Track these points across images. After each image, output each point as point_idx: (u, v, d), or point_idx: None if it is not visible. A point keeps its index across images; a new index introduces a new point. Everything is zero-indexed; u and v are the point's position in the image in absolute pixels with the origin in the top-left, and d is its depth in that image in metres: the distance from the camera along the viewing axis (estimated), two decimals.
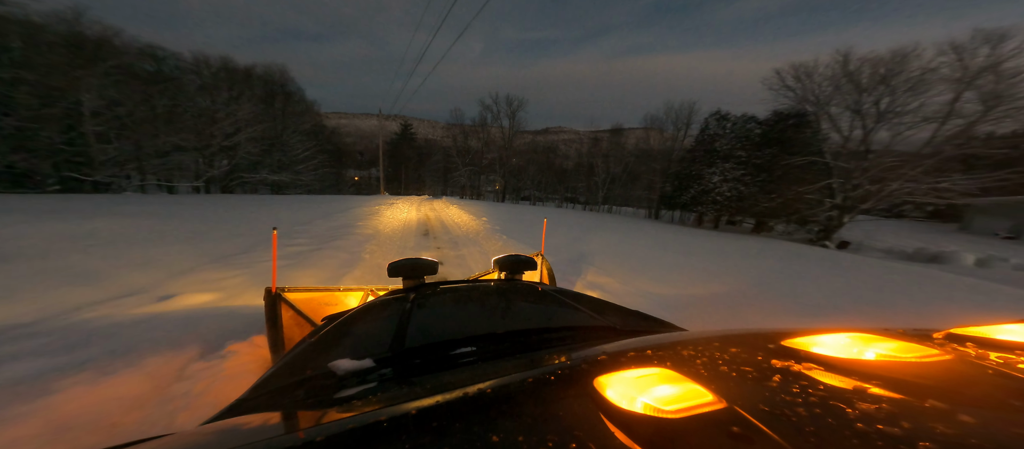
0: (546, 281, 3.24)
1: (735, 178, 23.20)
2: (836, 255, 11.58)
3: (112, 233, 6.13)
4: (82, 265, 4.42)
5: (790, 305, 5.03)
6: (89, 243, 5.37)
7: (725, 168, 23.73)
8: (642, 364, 0.60)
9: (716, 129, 25.54)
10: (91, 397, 2.04)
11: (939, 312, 5.20)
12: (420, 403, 0.53)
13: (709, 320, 4.23)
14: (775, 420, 0.44)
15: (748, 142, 23.38)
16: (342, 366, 0.99)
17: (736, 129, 24.53)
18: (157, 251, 5.37)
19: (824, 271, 7.96)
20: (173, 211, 9.57)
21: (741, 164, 23.22)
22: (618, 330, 1.33)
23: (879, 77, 16.93)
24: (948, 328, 0.74)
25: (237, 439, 0.59)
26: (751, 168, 22.60)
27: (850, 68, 17.82)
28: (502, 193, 47.86)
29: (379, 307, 1.61)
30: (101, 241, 5.56)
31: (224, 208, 11.45)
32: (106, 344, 2.59)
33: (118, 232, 6.27)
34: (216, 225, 8.08)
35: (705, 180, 24.46)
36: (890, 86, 16.67)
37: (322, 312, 2.33)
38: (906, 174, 16.16)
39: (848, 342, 0.67)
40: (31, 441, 1.72)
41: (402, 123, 63.13)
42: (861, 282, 6.97)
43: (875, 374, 0.55)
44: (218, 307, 3.52)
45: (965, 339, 0.68)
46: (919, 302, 5.71)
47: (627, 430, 0.43)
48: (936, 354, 0.61)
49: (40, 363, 2.30)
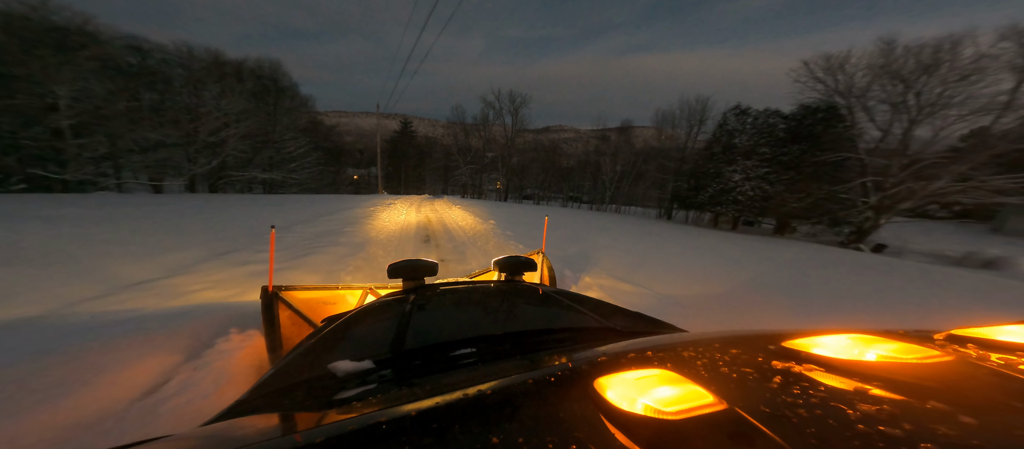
0: (546, 279, 3.14)
1: (759, 176, 21.67)
2: (891, 262, 10.15)
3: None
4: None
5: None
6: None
7: (747, 166, 22.19)
8: (642, 365, 0.60)
9: (735, 124, 24.02)
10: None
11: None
12: (420, 405, 0.52)
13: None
14: (776, 421, 0.43)
15: (771, 138, 21.86)
16: (342, 367, 0.99)
17: (758, 124, 23.00)
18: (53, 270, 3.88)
19: (900, 282, 6.59)
20: (128, 213, 8.10)
21: (765, 161, 21.69)
22: (618, 331, 1.34)
23: (925, 66, 15.42)
24: (949, 329, 0.73)
25: (237, 441, 0.60)
26: (776, 165, 21.08)
27: (891, 57, 16.32)
28: (504, 192, 46.29)
29: (379, 308, 1.61)
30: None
31: (193, 210, 9.94)
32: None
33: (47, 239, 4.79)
34: (156, 232, 6.59)
35: (725, 178, 22.94)
36: (938, 76, 15.17)
37: (321, 311, 2.28)
38: (955, 171, 14.70)
39: (849, 343, 0.67)
40: None
41: (402, 120, 61.62)
42: (954, 296, 5.78)
43: (876, 375, 0.54)
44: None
45: (966, 340, 0.68)
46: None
47: (627, 431, 0.43)
48: (937, 355, 0.61)
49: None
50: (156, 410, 1.95)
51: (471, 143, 49.83)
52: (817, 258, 9.39)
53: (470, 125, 49.71)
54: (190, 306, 3.26)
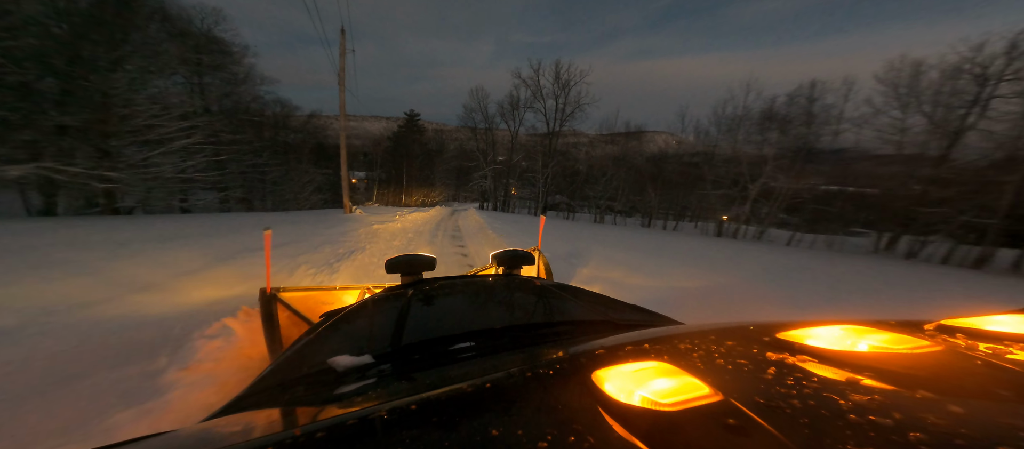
0: (543, 274, 3.15)
1: None
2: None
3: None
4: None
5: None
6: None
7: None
8: (639, 358, 0.60)
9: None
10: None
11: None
12: (419, 398, 0.52)
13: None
14: (770, 412, 0.44)
15: None
16: (341, 362, 0.98)
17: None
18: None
19: None
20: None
21: None
22: (616, 324, 1.34)
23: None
24: (938, 319, 0.74)
25: (239, 435, 0.61)
26: None
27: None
28: (542, 204, 33.64)
29: (377, 303, 1.61)
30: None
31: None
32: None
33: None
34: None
35: None
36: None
37: (319, 311, 2.14)
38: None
39: (841, 334, 0.67)
40: None
41: (408, 112, 49.57)
42: None
43: (867, 366, 0.55)
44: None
45: (955, 330, 0.68)
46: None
47: (625, 423, 0.43)
48: (927, 345, 0.61)
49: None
50: None
51: (483, 146, 37.79)
52: None
53: (483, 128, 37.91)
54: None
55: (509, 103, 35.52)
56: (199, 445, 0.60)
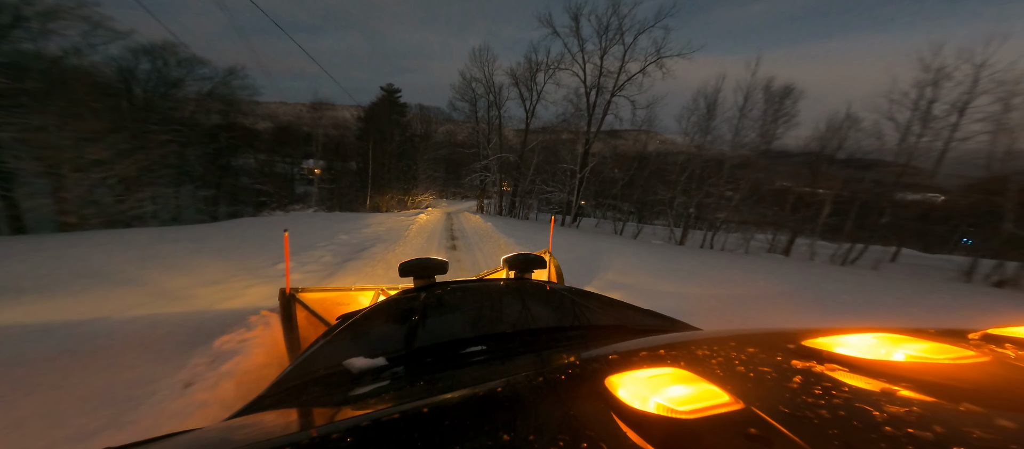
0: (554, 277, 3.14)
1: None
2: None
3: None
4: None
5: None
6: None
7: None
8: (655, 364, 0.58)
9: None
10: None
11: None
12: (432, 401, 0.52)
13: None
14: (796, 422, 0.42)
15: None
16: (356, 364, 0.98)
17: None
18: None
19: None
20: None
21: None
22: (630, 329, 1.31)
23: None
24: (985, 328, 0.69)
25: (259, 434, 0.62)
26: None
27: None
28: (574, 213, 23.30)
29: (391, 306, 1.63)
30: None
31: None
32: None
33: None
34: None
35: None
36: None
37: (335, 312, 2.25)
38: None
39: (875, 342, 0.63)
40: None
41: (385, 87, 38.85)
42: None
43: (905, 376, 0.52)
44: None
45: (1004, 340, 0.64)
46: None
47: (639, 430, 0.42)
48: (972, 355, 0.57)
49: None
50: None
51: (484, 138, 28.96)
52: None
53: (476, 119, 28.47)
54: None
55: (527, 67, 25.30)
56: (221, 444, 0.60)
